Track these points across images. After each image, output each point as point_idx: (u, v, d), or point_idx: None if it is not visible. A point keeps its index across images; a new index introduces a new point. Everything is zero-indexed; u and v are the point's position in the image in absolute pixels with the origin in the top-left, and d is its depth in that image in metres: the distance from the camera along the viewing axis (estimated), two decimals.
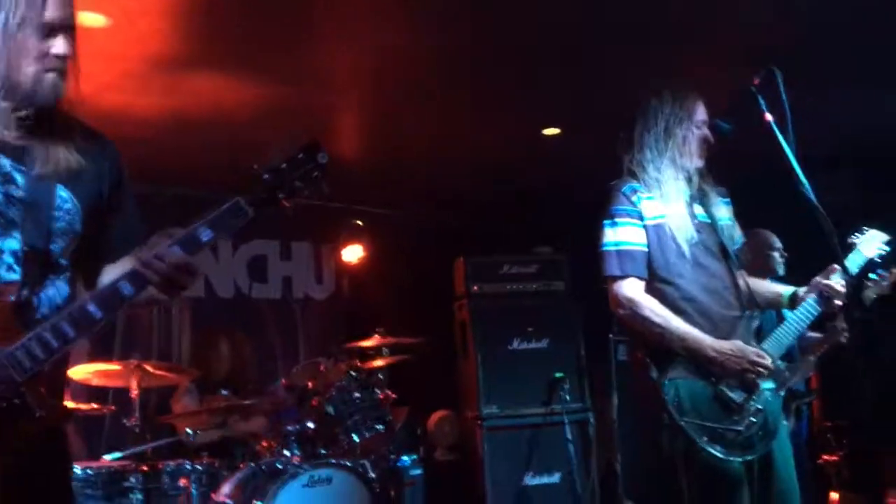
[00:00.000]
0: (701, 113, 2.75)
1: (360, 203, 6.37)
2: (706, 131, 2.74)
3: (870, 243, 2.87)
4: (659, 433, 2.49)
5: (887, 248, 2.90)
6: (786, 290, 2.84)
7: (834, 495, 5.41)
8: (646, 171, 2.70)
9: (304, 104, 4.58)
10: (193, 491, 3.95)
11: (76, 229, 1.79)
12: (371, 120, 5.10)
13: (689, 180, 2.74)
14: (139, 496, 3.83)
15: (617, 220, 2.66)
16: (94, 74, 3.95)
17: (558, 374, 5.66)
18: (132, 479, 3.84)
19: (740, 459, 2.44)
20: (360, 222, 6.21)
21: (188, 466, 4.01)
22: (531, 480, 5.53)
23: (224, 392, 4.34)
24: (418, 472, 5.41)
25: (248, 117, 4.64)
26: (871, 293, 3.67)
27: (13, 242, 1.70)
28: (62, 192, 1.76)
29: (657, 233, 2.64)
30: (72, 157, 1.76)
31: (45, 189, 1.73)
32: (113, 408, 4.45)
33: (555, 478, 5.56)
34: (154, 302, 1.88)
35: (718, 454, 2.41)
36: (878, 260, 2.89)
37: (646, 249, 2.64)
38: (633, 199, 2.67)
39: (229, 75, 4.17)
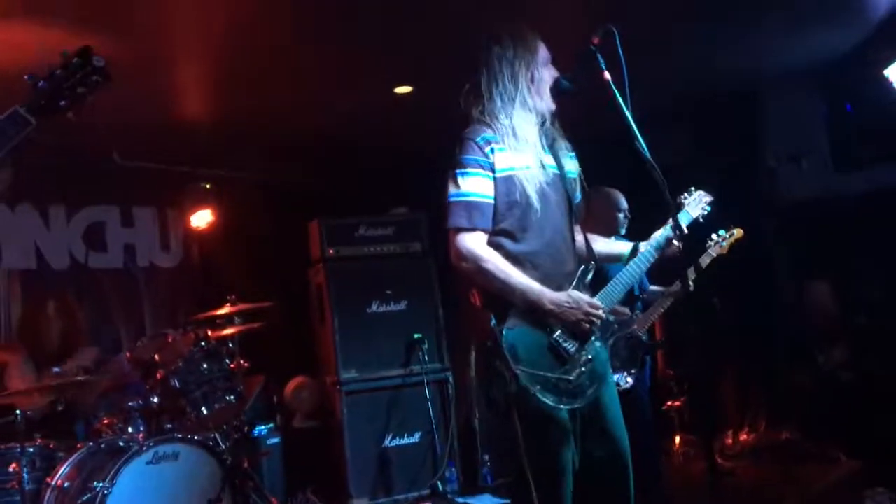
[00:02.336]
0: (544, 52, 2.73)
1: (207, 166, 6.08)
2: (552, 69, 2.72)
3: (696, 203, 3.02)
4: (492, 380, 2.49)
5: (709, 208, 3.05)
6: (626, 247, 2.92)
7: (677, 439, 5.76)
8: (498, 119, 2.65)
9: (142, 60, 4.27)
10: (25, 475, 3.67)
11: None
12: (217, 78, 4.84)
13: (542, 124, 2.71)
14: None
15: (468, 170, 2.60)
16: None
17: (417, 336, 5.68)
18: None
19: (569, 407, 2.50)
20: (207, 185, 5.92)
21: (18, 450, 3.71)
22: (391, 442, 5.55)
23: (56, 370, 4.05)
24: (275, 440, 5.31)
25: None
26: (711, 252, 3.85)
27: None
28: None
29: (506, 185, 2.61)
30: None
31: None
32: None
33: (415, 438, 5.60)
34: None
35: (549, 402, 2.46)
36: (702, 220, 3.03)
37: (493, 202, 2.61)
38: (486, 150, 2.61)
39: (53, 27, 3.81)
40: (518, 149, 2.63)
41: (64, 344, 4.62)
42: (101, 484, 3.49)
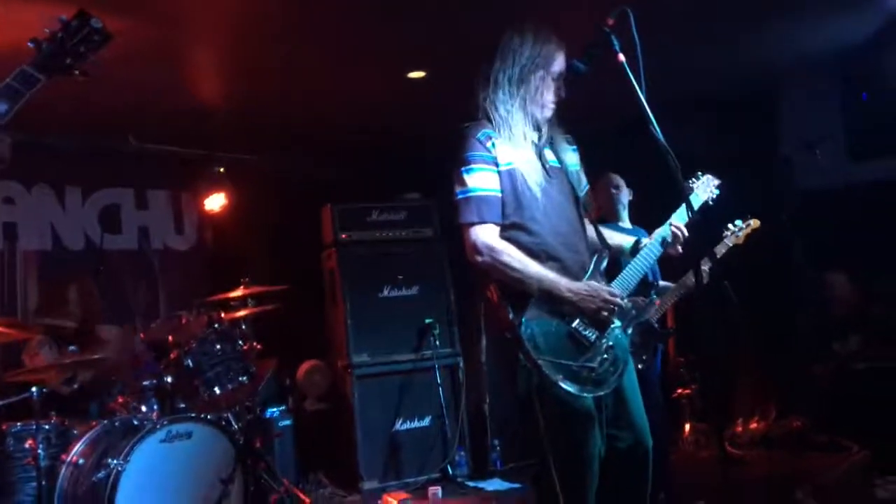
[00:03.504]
0: (559, 64, 2.73)
1: (221, 149, 6.10)
2: (561, 84, 2.73)
3: (705, 187, 3.03)
4: (515, 372, 2.51)
5: (717, 192, 3.05)
6: (627, 241, 2.94)
7: (687, 426, 5.75)
8: (497, 110, 2.68)
9: (159, 44, 4.29)
10: (41, 451, 3.72)
11: None
12: (232, 63, 4.85)
13: (536, 128, 2.74)
14: None
15: (473, 166, 2.63)
16: None
17: (428, 321, 5.70)
18: None
19: (592, 395, 2.51)
20: (221, 169, 5.95)
21: (34, 427, 3.77)
22: (402, 425, 5.58)
23: (72, 348, 4.09)
24: (287, 422, 5.35)
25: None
26: (727, 242, 3.84)
27: None
28: None
29: (510, 178, 2.64)
30: None
31: None
32: None
33: (425, 422, 5.63)
34: None
35: (573, 391, 2.47)
36: (711, 203, 3.04)
37: (500, 195, 2.63)
38: (488, 144, 2.64)
39: (67, 7, 3.82)
40: (516, 143, 2.67)
41: (83, 324, 4.68)
42: (115, 461, 3.53)
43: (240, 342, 4.43)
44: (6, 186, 5.46)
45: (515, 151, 2.66)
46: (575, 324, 2.56)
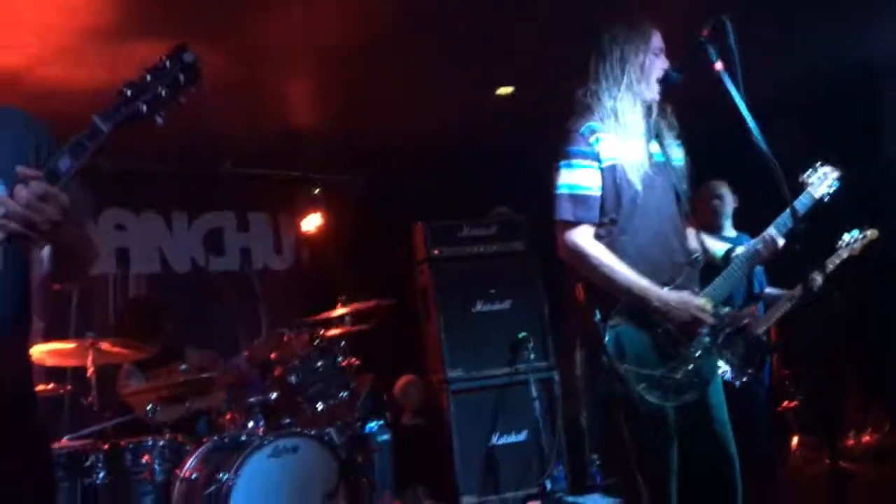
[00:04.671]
0: (657, 41, 2.67)
1: (316, 171, 6.28)
2: (664, 60, 2.67)
3: (821, 181, 2.83)
4: (596, 375, 2.47)
5: (837, 184, 2.85)
6: (720, 248, 2.85)
7: (794, 440, 5.55)
8: (601, 101, 2.61)
9: (253, 74, 4.49)
10: (157, 467, 3.91)
11: None
12: (325, 87, 5.01)
13: (647, 111, 2.66)
14: (102, 475, 3.78)
15: (573, 161, 2.58)
16: (24, 47, 3.85)
17: (522, 335, 5.68)
18: (94, 458, 3.79)
19: (675, 405, 2.46)
20: (317, 190, 6.12)
21: (150, 443, 3.96)
22: (498, 440, 5.57)
23: (183, 367, 4.27)
24: (385, 437, 5.41)
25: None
26: (841, 254, 3.65)
27: None
28: None
29: (612, 174, 2.58)
30: None
31: None
32: (70, 387, 4.36)
33: (521, 436, 5.61)
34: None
35: (654, 400, 2.42)
36: (827, 199, 2.84)
37: (599, 194, 2.58)
38: (591, 140, 2.58)
39: (170, 46, 4.02)
40: (622, 135, 2.59)
41: (168, 348, 4.82)
42: (226, 475, 3.66)
43: (339, 358, 4.54)
44: (118, 214, 5.77)
45: (621, 145, 2.58)
46: (662, 332, 2.50)
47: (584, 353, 2.59)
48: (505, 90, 5.18)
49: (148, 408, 3.99)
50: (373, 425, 5.35)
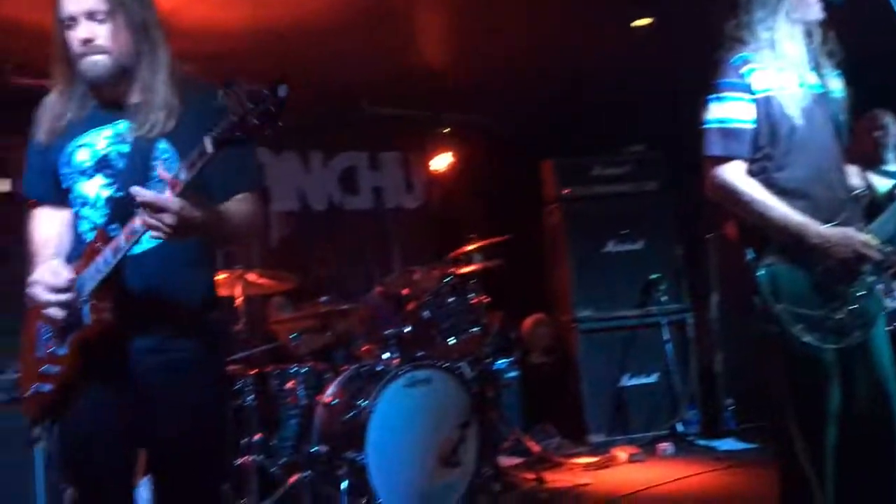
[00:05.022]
0: None
1: (447, 110, 6.29)
2: None
3: None
4: (750, 317, 2.38)
5: None
6: (885, 184, 2.66)
7: None
8: (755, 33, 2.46)
9: (387, 10, 4.50)
10: (300, 392, 4.14)
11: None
12: (452, 25, 4.97)
13: (808, 35, 2.50)
14: (251, 398, 4.02)
15: (723, 94, 2.46)
16: None
17: (654, 276, 5.58)
18: (243, 383, 4.04)
19: (835, 347, 2.33)
20: (447, 129, 6.15)
21: (294, 369, 4.18)
22: (628, 381, 5.55)
23: (324, 299, 4.45)
24: (514, 374, 5.49)
25: (331, 25, 4.60)
26: None
27: (112, 190, 1.98)
28: (162, 145, 1.97)
29: (766, 107, 2.44)
30: (168, 113, 1.97)
31: (146, 145, 1.97)
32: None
33: (652, 378, 5.56)
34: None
35: (813, 342, 2.31)
36: None
37: (752, 127, 2.45)
38: (743, 71, 2.45)
39: None
40: (778, 66, 2.44)
41: (324, 285, 5.05)
42: (365, 402, 3.82)
43: (470, 295, 4.60)
44: (259, 153, 6.00)
45: (776, 75, 2.44)
46: (821, 270, 2.36)
47: (736, 294, 2.50)
48: (642, 21, 4.98)
49: (292, 336, 4.20)
50: (502, 362, 5.43)
